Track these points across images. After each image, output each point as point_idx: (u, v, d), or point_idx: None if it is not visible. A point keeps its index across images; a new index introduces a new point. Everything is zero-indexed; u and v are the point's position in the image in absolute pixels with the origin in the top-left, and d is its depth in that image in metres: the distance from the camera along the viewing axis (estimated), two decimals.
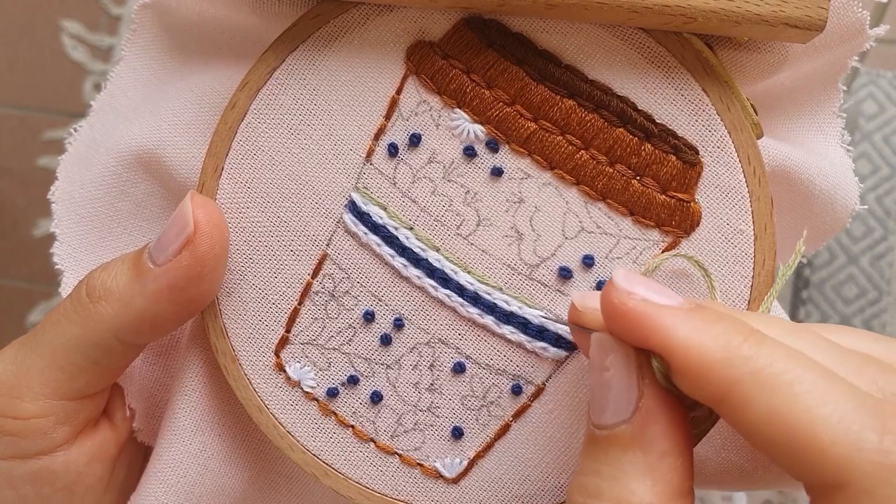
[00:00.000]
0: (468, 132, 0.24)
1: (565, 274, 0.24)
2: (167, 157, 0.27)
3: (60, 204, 0.28)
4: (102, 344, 0.24)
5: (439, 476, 0.25)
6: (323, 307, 0.25)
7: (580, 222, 0.24)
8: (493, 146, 0.24)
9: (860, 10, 0.24)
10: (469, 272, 0.24)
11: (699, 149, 0.23)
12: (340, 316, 0.25)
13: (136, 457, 0.29)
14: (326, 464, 0.25)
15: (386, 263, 0.25)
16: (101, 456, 0.27)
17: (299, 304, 0.25)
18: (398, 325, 0.25)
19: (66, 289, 0.28)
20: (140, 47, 0.29)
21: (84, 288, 0.24)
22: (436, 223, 0.24)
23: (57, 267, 0.28)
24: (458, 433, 0.25)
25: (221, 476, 0.27)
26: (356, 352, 0.25)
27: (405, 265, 0.24)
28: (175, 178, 0.27)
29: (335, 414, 0.25)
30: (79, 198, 0.28)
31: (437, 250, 0.24)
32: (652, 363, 0.19)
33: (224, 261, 0.25)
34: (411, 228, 0.24)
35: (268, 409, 0.25)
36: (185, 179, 0.26)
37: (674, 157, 0.23)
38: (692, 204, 0.23)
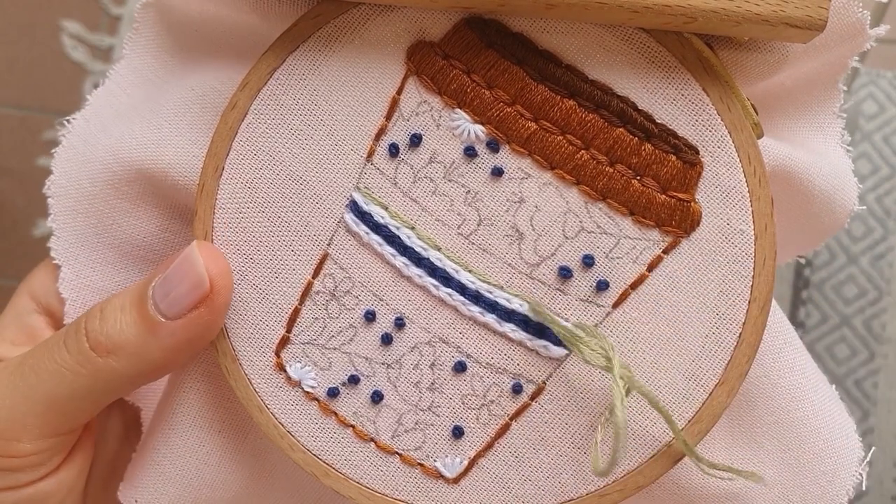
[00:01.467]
0: (469, 132, 0.24)
1: (565, 273, 0.24)
2: (167, 156, 0.27)
3: (56, 199, 0.28)
4: (112, 392, 0.24)
5: (440, 476, 0.25)
6: (324, 307, 0.25)
7: (580, 222, 0.24)
8: (493, 146, 0.24)
9: (860, 9, 0.24)
10: (470, 271, 0.24)
11: (699, 149, 0.23)
12: (341, 315, 0.25)
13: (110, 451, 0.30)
14: (327, 464, 0.25)
15: (387, 263, 0.25)
16: (84, 469, 0.27)
17: (300, 303, 0.25)
18: (399, 324, 0.25)
19: (63, 284, 0.28)
20: (141, 46, 0.29)
21: (86, 340, 0.24)
22: (437, 223, 0.24)
23: (54, 262, 0.28)
24: (458, 432, 0.25)
25: (220, 471, 0.27)
26: (357, 351, 0.25)
27: (406, 264, 0.24)
28: (174, 178, 0.27)
29: (336, 414, 0.25)
30: (75, 193, 0.28)
31: (439, 249, 0.24)
32: None
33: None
34: (413, 228, 0.24)
35: (268, 408, 0.25)
36: (185, 179, 0.26)
37: (674, 157, 0.23)
38: (692, 204, 0.23)
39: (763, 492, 0.26)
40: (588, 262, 0.24)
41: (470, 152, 0.24)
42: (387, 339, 0.25)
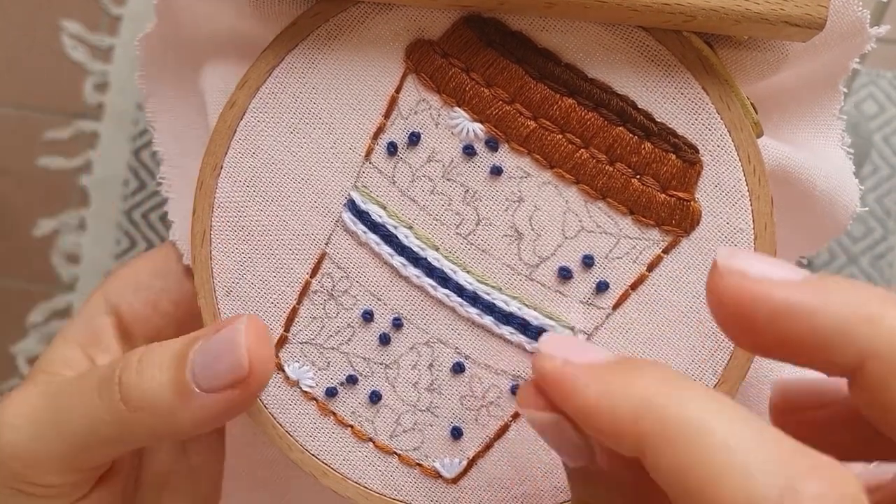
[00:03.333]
0: (467, 131, 0.24)
1: (565, 274, 0.24)
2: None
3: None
4: (138, 443, 0.24)
5: (438, 476, 0.25)
6: (321, 306, 0.25)
7: (580, 221, 0.24)
8: (492, 145, 0.24)
9: (860, 8, 0.24)
10: (468, 272, 0.24)
11: (699, 147, 0.23)
12: (339, 315, 0.25)
13: (165, 460, 0.29)
14: (325, 463, 0.25)
15: (385, 262, 0.25)
16: (114, 493, 0.27)
17: (298, 303, 0.25)
18: (397, 324, 0.25)
19: (176, 233, 0.28)
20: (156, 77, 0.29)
21: (118, 391, 0.23)
22: (435, 222, 0.24)
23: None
24: (457, 433, 0.25)
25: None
26: (355, 351, 0.25)
27: (404, 264, 0.24)
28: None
29: (334, 413, 0.25)
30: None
31: (437, 249, 0.24)
32: None
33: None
34: (411, 227, 0.24)
35: (266, 408, 0.25)
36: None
37: (674, 156, 0.23)
38: (692, 203, 0.23)
39: None
40: (588, 262, 0.24)
41: (469, 151, 0.24)
42: (385, 340, 0.25)
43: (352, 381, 0.25)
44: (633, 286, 0.24)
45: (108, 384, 0.24)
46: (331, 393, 0.25)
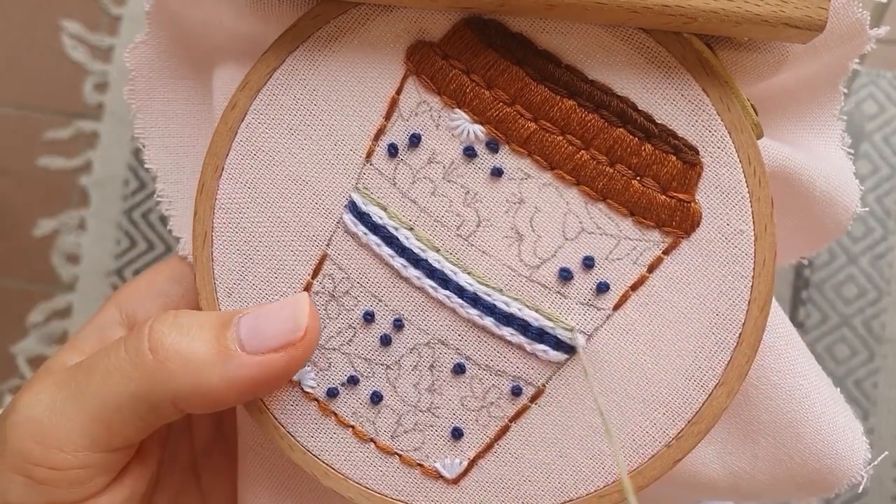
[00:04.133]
0: (468, 132, 0.24)
1: (565, 275, 0.24)
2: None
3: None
4: (156, 405, 0.22)
5: (439, 476, 0.25)
6: (323, 308, 0.25)
7: (580, 223, 0.24)
8: (493, 146, 0.24)
9: (860, 10, 0.24)
10: (469, 273, 0.24)
11: (699, 149, 0.23)
12: (340, 316, 0.25)
13: (175, 482, 0.28)
14: (326, 464, 0.25)
15: (386, 264, 0.25)
16: (134, 497, 0.25)
17: None
18: (398, 325, 0.25)
19: (186, 247, 0.27)
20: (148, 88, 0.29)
21: (146, 341, 0.22)
22: (436, 224, 0.24)
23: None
24: (457, 434, 0.25)
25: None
26: (356, 352, 0.25)
27: (405, 265, 0.24)
28: None
29: (335, 414, 0.25)
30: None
31: (437, 251, 0.24)
32: None
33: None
34: (411, 229, 0.24)
35: (268, 408, 0.25)
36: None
37: (674, 158, 0.23)
38: (692, 204, 0.23)
39: (756, 483, 0.26)
40: (588, 263, 0.24)
41: (469, 152, 0.24)
42: (386, 340, 0.25)
43: (353, 381, 0.25)
44: (634, 287, 0.24)
45: (137, 336, 0.23)
46: (332, 393, 0.25)
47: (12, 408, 0.23)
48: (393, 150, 0.24)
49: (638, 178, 0.23)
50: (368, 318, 0.25)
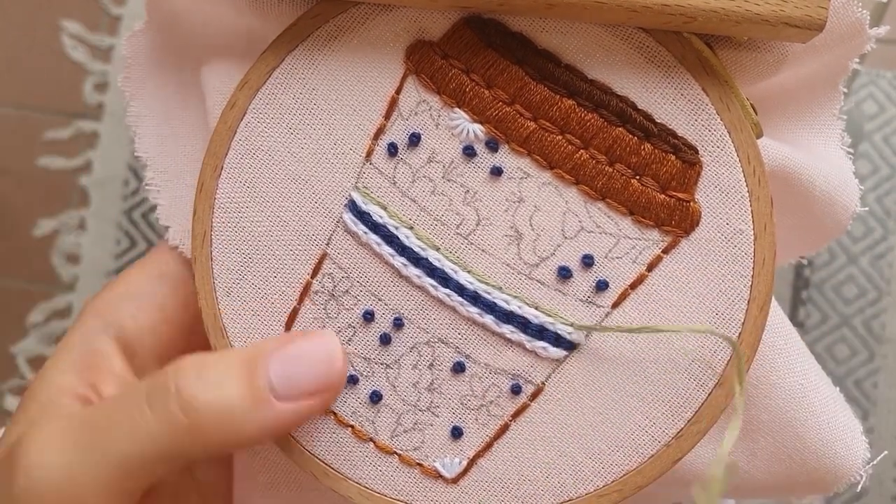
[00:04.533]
0: (468, 132, 0.24)
1: (565, 273, 0.24)
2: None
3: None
4: (189, 458, 0.22)
5: (439, 476, 0.25)
6: (322, 307, 0.25)
7: (580, 222, 0.24)
8: (492, 146, 0.24)
9: (860, 9, 0.24)
10: (469, 271, 0.24)
11: (699, 148, 0.23)
12: (340, 315, 0.25)
13: (173, 480, 0.27)
14: (325, 463, 0.25)
15: (386, 263, 0.25)
16: None
17: (299, 303, 0.25)
18: (398, 324, 0.25)
19: (176, 236, 0.27)
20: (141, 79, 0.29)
21: (176, 401, 0.21)
22: (435, 222, 0.24)
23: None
24: (457, 433, 0.25)
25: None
26: (356, 351, 0.25)
27: (405, 264, 0.24)
28: None
29: (334, 413, 0.25)
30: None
31: (437, 249, 0.24)
32: None
33: None
34: (411, 228, 0.24)
35: None
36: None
37: (673, 157, 0.23)
38: (692, 203, 0.23)
39: (755, 482, 0.26)
40: (587, 262, 0.24)
41: (469, 152, 0.24)
42: (385, 340, 0.25)
43: (352, 381, 0.25)
44: (633, 286, 0.24)
45: (162, 394, 0.22)
46: None
47: (17, 463, 0.22)
48: (393, 150, 0.24)
49: (637, 177, 0.23)
50: (368, 317, 0.25)
